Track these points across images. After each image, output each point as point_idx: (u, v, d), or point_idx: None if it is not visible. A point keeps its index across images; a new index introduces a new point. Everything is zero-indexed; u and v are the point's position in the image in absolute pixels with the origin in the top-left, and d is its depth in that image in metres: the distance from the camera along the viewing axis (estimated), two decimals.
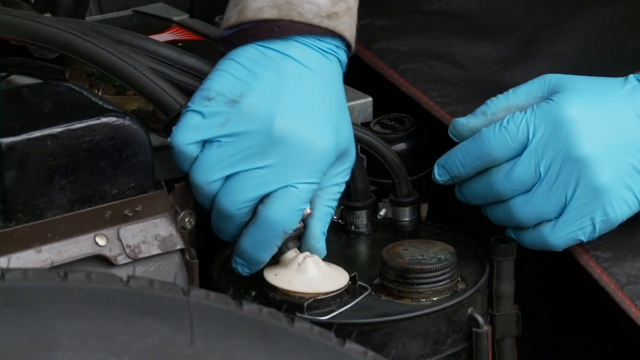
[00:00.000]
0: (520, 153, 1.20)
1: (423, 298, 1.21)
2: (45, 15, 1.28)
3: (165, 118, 1.19)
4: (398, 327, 1.19)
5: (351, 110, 1.29)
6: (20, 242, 1.08)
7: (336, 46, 1.19)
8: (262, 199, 1.14)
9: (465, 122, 1.23)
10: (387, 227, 1.27)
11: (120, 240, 1.13)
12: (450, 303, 1.22)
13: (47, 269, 1.05)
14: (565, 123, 1.17)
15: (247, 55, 1.16)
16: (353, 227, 1.30)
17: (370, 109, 1.33)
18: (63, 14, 1.35)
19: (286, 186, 1.14)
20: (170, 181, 1.19)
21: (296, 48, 1.16)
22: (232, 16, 1.18)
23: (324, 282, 1.18)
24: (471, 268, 1.23)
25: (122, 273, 0.99)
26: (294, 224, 1.15)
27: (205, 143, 1.14)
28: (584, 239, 1.20)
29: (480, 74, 1.33)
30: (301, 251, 1.18)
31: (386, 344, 1.18)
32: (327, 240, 1.23)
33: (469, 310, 1.23)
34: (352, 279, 1.22)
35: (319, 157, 1.14)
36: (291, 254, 1.18)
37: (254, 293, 1.22)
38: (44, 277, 0.95)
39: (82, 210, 1.12)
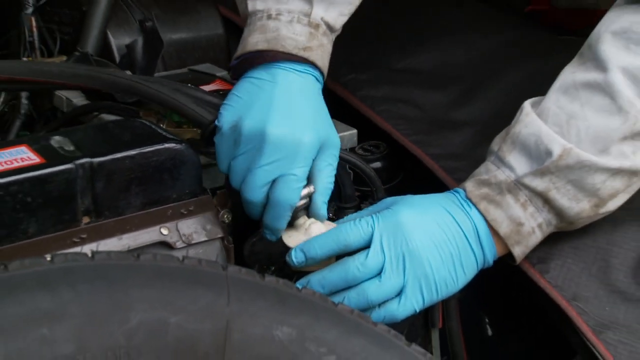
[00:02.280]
0: (367, 244, 1.13)
1: None
2: (127, 72, 1.24)
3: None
4: None
5: (342, 139, 1.26)
6: (106, 233, 1.07)
7: (311, 69, 1.19)
8: (272, 186, 1.13)
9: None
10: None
11: (178, 231, 1.12)
12: None
13: (125, 251, 1.01)
14: (400, 224, 1.13)
15: (244, 88, 1.17)
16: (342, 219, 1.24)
17: (355, 138, 1.33)
18: (139, 71, 1.31)
19: (285, 174, 1.12)
20: (213, 189, 1.20)
21: (280, 74, 1.16)
22: (238, 51, 1.21)
23: None
24: None
25: (179, 254, 0.98)
26: (296, 200, 1.13)
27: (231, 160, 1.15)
28: (417, 309, 1.14)
29: (433, 113, 1.31)
30: (309, 217, 1.17)
31: None
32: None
33: None
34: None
35: (305, 150, 1.13)
36: (302, 220, 1.17)
37: (273, 268, 1.20)
38: (123, 257, 0.94)
39: (151, 210, 1.11)
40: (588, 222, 1.19)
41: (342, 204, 1.27)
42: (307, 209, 1.17)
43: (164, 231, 1.10)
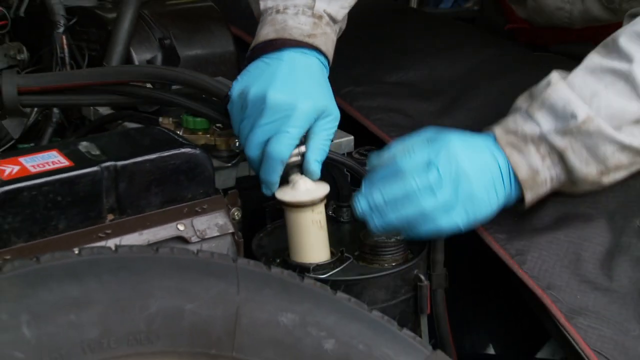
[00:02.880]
0: (425, 167, 1.14)
1: (386, 264, 1.18)
2: (147, 85, 1.24)
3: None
4: (370, 282, 1.15)
5: (339, 145, 1.31)
6: (128, 228, 1.07)
7: (316, 53, 1.22)
8: (266, 142, 1.14)
9: (377, 155, 1.20)
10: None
11: (193, 227, 1.11)
12: (403, 267, 1.18)
13: (145, 245, 1.01)
14: (452, 147, 1.15)
15: (255, 65, 1.20)
16: (341, 218, 1.25)
17: (352, 144, 1.33)
18: (157, 84, 1.31)
19: (279, 132, 1.13)
20: (225, 189, 1.19)
21: (286, 54, 1.20)
22: (252, 44, 1.24)
23: (306, 194, 1.14)
24: (416, 244, 1.18)
25: (194, 248, 0.99)
26: (286, 155, 1.14)
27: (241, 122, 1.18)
28: (461, 226, 1.15)
29: (422, 121, 1.32)
30: (302, 174, 1.16)
31: (362, 293, 1.15)
32: (327, 224, 1.17)
33: (415, 271, 1.20)
34: (341, 252, 1.18)
35: (300, 113, 1.14)
36: (294, 177, 1.15)
37: (278, 260, 1.18)
38: (143, 250, 0.96)
39: (169, 208, 1.10)
40: (589, 189, 1.22)
41: (339, 203, 1.27)
42: (300, 167, 1.15)
43: (181, 227, 1.09)
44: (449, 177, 1.13)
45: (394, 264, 1.16)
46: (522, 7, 1.63)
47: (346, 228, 1.26)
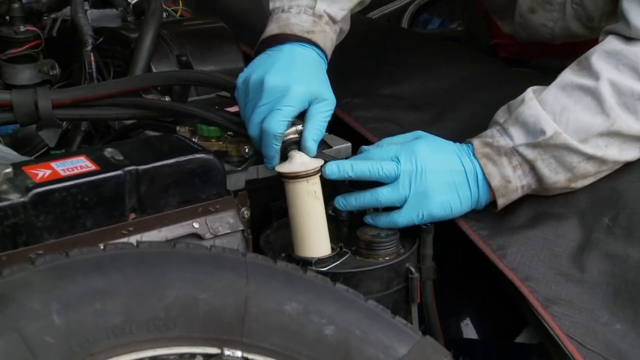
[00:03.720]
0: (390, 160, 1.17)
1: (380, 258, 1.16)
2: (166, 98, 1.24)
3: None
4: (366, 274, 1.15)
5: (338, 151, 1.29)
6: (148, 226, 1.06)
7: (314, 47, 1.22)
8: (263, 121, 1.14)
9: (366, 148, 1.23)
10: (360, 218, 1.21)
11: (207, 225, 1.10)
12: (396, 260, 1.17)
13: (164, 241, 1.00)
14: (418, 151, 1.17)
15: (259, 57, 1.21)
16: (340, 218, 1.24)
17: (350, 150, 1.31)
18: (175, 96, 1.31)
19: (274, 110, 1.13)
20: (235, 191, 1.17)
21: (287, 47, 1.20)
22: (260, 38, 1.24)
23: (301, 166, 1.13)
24: (408, 240, 1.18)
25: (207, 244, 0.99)
26: (280, 130, 1.13)
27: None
28: (417, 222, 1.17)
29: (413, 130, 1.28)
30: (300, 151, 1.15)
31: (359, 284, 1.13)
32: (328, 222, 1.16)
33: (407, 265, 1.18)
34: (340, 248, 1.17)
35: (293, 94, 1.13)
36: (292, 153, 1.14)
37: (283, 255, 1.17)
38: (162, 246, 0.97)
39: (185, 208, 1.09)
40: (559, 192, 1.22)
41: None
42: (298, 145, 1.14)
43: (196, 225, 1.08)
44: (407, 173, 1.15)
45: (387, 258, 1.15)
46: (508, 23, 1.62)
47: (344, 226, 1.24)
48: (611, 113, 1.17)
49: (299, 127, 1.14)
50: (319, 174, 1.14)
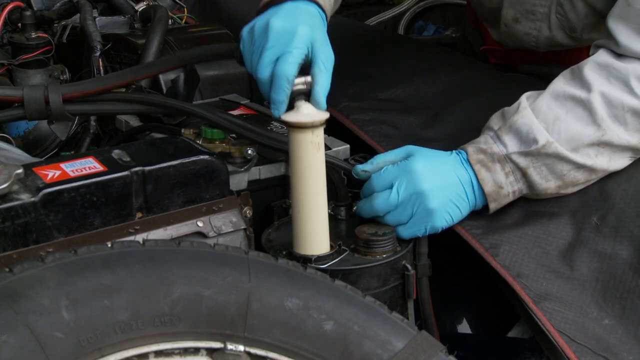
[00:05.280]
0: (390, 187, 1.17)
1: (378, 255, 1.16)
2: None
3: None
4: (364, 271, 1.14)
5: (337, 152, 1.29)
6: (154, 225, 1.06)
7: (315, 5, 1.19)
8: (274, 64, 1.12)
9: (361, 167, 1.21)
10: (358, 216, 1.20)
11: (211, 224, 1.10)
12: (393, 258, 1.16)
13: (169, 239, 1.00)
14: (414, 172, 1.17)
15: (260, 15, 1.17)
16: (339, 216, 1.23)
17: (348, 151, 1.32)
18: (181, 99, 1.30)
19: (284, 53, 1.11)
20: (238, 191, 1.17)
21: (289, 3, 1.17)
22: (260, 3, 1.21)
23: (308, 117, 1.10)
24: (403, 239, 1.16)
25: (211, 242, 0.99)
26: (292, 73, 1.11)
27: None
28: (420, 235, 1.18)
29: (408, 133, 1.32)
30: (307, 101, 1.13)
31: (357, 281, 1.13)
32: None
33: (403, 262, 1.18)
34: (339, 246, 1.15)
35: (300, 35, 1.12)
36: (299, 103, 1.12)
37: (284, 252, 1.15)
38: (167, 244, 0.95)
39: (189, 207, 1.09)
40: (550, 197, 1.22)
41: (337, 202, 1.25)
42: (307, 96, 1.12)
43: (200, 224, 1.08)
44: (407, 199, 1.15)
45: (384, 256, 1.15)
46: (496, 31, 1.62)
47: (343, 225, 1.24)
48: (602, 124, 1.17)
49: (308, 78, 1.12)
50: (324, 126, 1.11)
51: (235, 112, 1.30)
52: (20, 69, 1.48)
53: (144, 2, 1.56)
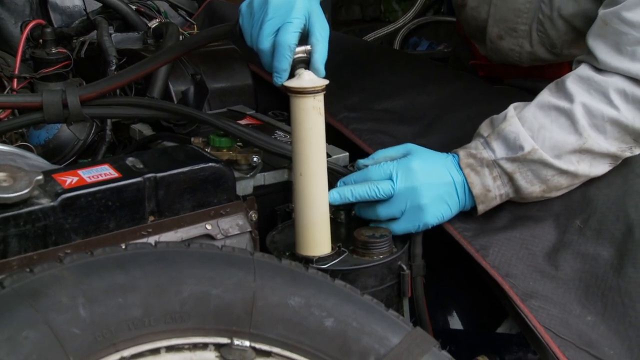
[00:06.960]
0: (387, 179, 1.17)
1: (375, 256, 1.16)
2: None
3: None
4: (362, 271, 1.14)
5: (337, 160, 1.29)
6: (166, 228, 1.06)
7: None
8: (275, 34, 1.11)
9: (362, 161, 1.22)
10: (357, 220, 1.20)
11: (219, 226, 1.10)
12: (389, 259, 1.16)
13: (179, 241, 0.99)
14: (411, 168, 1.17)
15: None
16: (339, 220, 1.23)
17: (347, 159, 1.32)
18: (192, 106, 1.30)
19: (285, 23, 1.11)
20: (244, 196, 1.18)
21: None
22: None
23: (309, 82, 1.08)
24: (399, 240, 1.19)
25: (219, 244, 0.98)
26: (293, 41, 1.11)
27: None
28: (413, 231, 1.18)
29: (403, 141, 1.29)
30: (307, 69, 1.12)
31: (356, 280, 1.13)
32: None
33: (399, 262, 1.18)
34: (338, 247, 1.15)
35: (298, 7, 1.11)
36: (300, 71, 1.11)
37: (287, 254, 1.15)
38: (177, 246, 0.96)
39: (199, 211, 1.09)
40: (535, 200, 1.22)
41: (337, 207, 1.25)
42: (307, 65, 1.12)
43: (208, 227, 1.08)
44: (402, 193, 1.16)
45: (381, 257, 1.15)
46: (482, 47, 1.62)
47: (343, 227, 1.24)
48: (583, 132, 1.17)
49: (307, 47, 1.12)
50: (324, 92, 1.10)
51: (242, 122, 1.30)
52: (41, 82, 1.48)
53: (157, 20, 1.56)
